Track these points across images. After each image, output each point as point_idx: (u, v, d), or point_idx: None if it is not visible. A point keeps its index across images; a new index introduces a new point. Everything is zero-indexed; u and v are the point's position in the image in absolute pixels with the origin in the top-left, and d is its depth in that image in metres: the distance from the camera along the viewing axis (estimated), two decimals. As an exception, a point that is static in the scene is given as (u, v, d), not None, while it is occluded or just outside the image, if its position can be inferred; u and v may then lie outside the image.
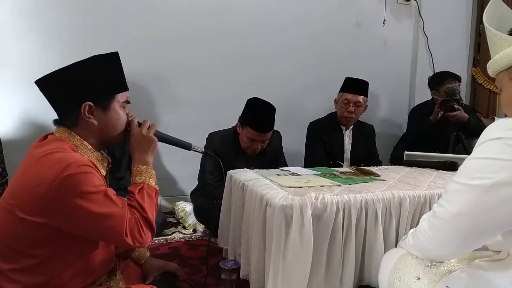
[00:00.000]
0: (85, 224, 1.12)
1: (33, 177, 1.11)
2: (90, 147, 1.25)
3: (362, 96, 2.79)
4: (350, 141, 2.92)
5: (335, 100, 2.89)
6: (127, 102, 1.34)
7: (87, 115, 1.22)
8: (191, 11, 2.99)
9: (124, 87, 1.32)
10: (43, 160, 1.13)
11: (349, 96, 2.76)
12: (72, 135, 1.23)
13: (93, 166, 1.15)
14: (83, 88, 1.23)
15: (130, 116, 1.34)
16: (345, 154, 2.90)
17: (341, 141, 2.90)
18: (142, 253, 1.62)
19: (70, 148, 1.20)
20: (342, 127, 2.90)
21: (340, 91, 2.86)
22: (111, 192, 1.16)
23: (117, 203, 1.15)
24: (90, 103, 1.22)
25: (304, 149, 3.02)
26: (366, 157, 2.91)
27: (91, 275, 1.24)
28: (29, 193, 1.10)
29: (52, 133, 1.26)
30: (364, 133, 2.98)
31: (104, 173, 1.28)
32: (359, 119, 2.94)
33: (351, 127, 2.92)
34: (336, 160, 2.71)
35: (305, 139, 3.00)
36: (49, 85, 1.24)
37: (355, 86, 2.80)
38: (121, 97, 1.30)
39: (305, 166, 2.84)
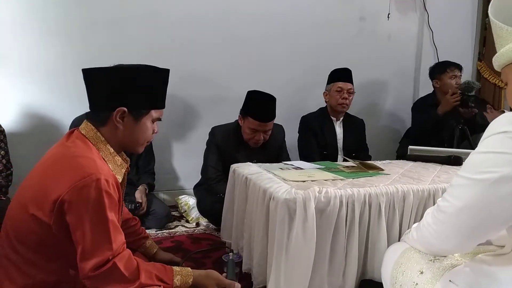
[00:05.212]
0: (73, 232, 1.11)
1: (52, 178, 1.12)
2: (112, 150, 1.27)
3: (351, 84, 2.86)
4: (341, 131, 2.97)
5: (324, 93, 2.93)
6: (159, 119, 1.36)
7: (118, 119, 1.24)
8: (191, 6, 2.96)
9: (162, 105, 1.36)
10: (65, 163, 1.14)
11: (341, 84, 2.83)
12: (98, 136, 1.24)
13: (110, 180, 1.14)
14: (125, 93, 1.24)
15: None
16: (337, 144, 2.95)
17: (333, 131, 2.95)
18: (152, 245, 1.66)
19: (94, 151, 1.21)
20: (332, 118, 2.95)
21: (329, 83, 2.90)
22: (113, 224, 1.14)
23: (111, 238, 1.12)
24: (125, 109, 1.24)
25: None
26: (357, 148, 2.98)
27: None
28: (44, 193, 1.11)
29: (78, 128, 1.27)
30: (355, 125, 3.03)
31: (120, 180, 1.28)
32: (349, 112, 3.01)
33: (341, 119, 2.96)
34: (329, 150, 2.82)
35: (298, 134, 3.02)
36: (95, 78, 1.25)
37: (344, 74, 2.87)
38: (155, 113, 1.33)
39: (300, 159, 2.86)
